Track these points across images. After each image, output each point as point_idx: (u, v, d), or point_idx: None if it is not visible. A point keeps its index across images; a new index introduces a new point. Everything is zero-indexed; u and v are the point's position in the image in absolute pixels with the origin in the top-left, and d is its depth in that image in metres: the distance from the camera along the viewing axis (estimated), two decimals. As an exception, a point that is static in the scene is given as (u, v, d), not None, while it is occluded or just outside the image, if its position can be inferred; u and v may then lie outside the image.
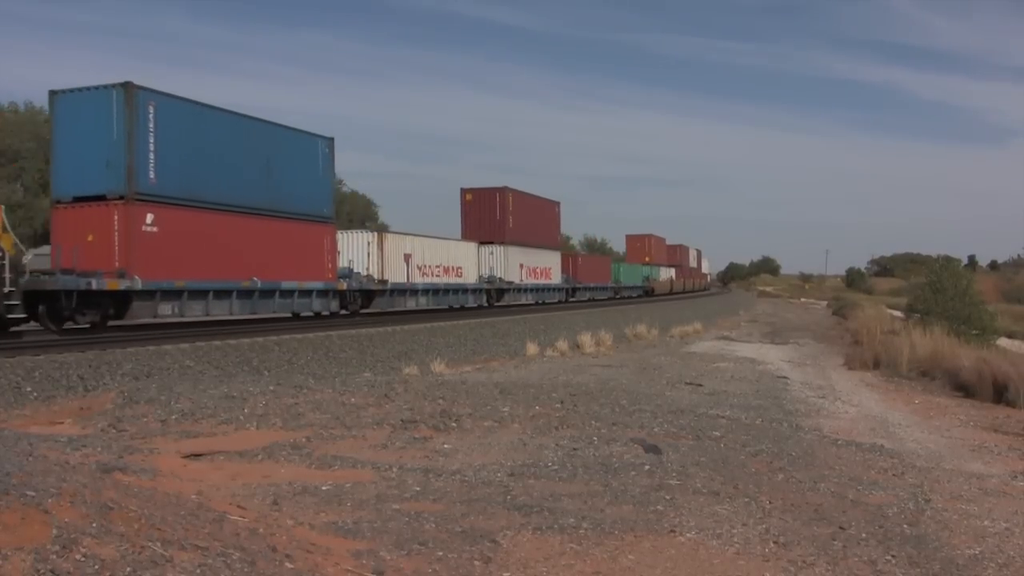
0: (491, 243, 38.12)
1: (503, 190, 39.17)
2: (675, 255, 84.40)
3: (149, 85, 19.11)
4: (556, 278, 46.21)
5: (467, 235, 38.05)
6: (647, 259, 72.11)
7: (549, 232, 45.92)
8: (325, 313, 25.46)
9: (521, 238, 40.32)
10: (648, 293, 67.14)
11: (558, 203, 47.71)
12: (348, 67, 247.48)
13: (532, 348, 20.82)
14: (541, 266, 43.40)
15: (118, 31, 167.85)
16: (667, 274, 76.94)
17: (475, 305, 35.97)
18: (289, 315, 24.23)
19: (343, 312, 26.61)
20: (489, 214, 38.87)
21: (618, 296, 59.56)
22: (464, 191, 39.34)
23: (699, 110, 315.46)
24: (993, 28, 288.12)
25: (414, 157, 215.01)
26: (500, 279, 38.18)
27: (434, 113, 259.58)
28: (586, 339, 22.66)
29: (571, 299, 49.05)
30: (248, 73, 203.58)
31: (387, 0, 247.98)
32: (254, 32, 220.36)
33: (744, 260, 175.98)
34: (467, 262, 35.39)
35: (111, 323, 18.90)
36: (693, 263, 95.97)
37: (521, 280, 40.37)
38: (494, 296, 38.04)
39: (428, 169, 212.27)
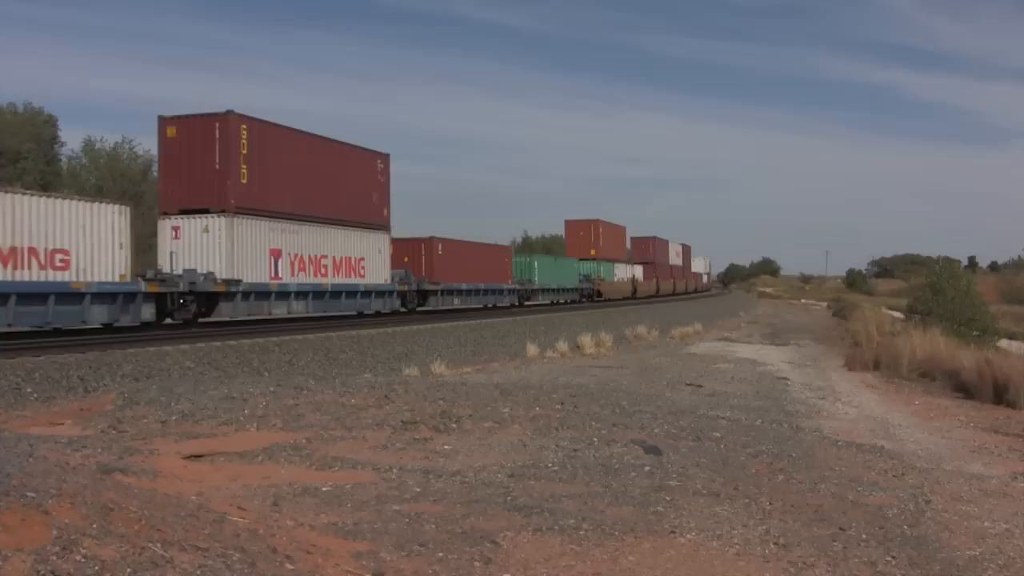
0: (205, 212, 21.97)
1: (226, 117, 22.14)
2: (645, 250, 69.78)
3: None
4: (378, 275, 28.73)
5: (165, 197, 22.62)
6: (592, 252, 56.27)
7: (359, 200, 27.80)
8: None
9: (277, 204, 23.72)
10: (591, 297, 53.03)
11: (382, 155, 29.60)
12: (349, 68, 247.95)
13: (532, 349, 20.83)
14: (341, 255, 26.65)
15: (118, 32, 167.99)
16: (626, 272, 62.17)
17: (98, 324, 18.88)
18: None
19: None
20: (203, 161, 22.05)
21: (527, 302, 43.87)
22: (164, 122, 22.68)
23: (699, 111, 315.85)
24: (994, 29, 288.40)
25: (415, 158, 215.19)
26: (210, 277, 21.33)
27: (435, 114, 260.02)
28: (586, 340, 22.68)
29: (422, 306, 32.86)
30: (250, 74, 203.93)
31: (388, 2, 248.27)
32: (256, 34, 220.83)
33: (744, 261, 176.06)
34: (88, 245, 18.43)
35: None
36: (676, 260, 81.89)
37: (279, 277, 23.75)
38: (179, 305, 20.92)
39: (429, 170, 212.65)
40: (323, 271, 25.84)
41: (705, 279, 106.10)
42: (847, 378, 18.79)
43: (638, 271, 65.34)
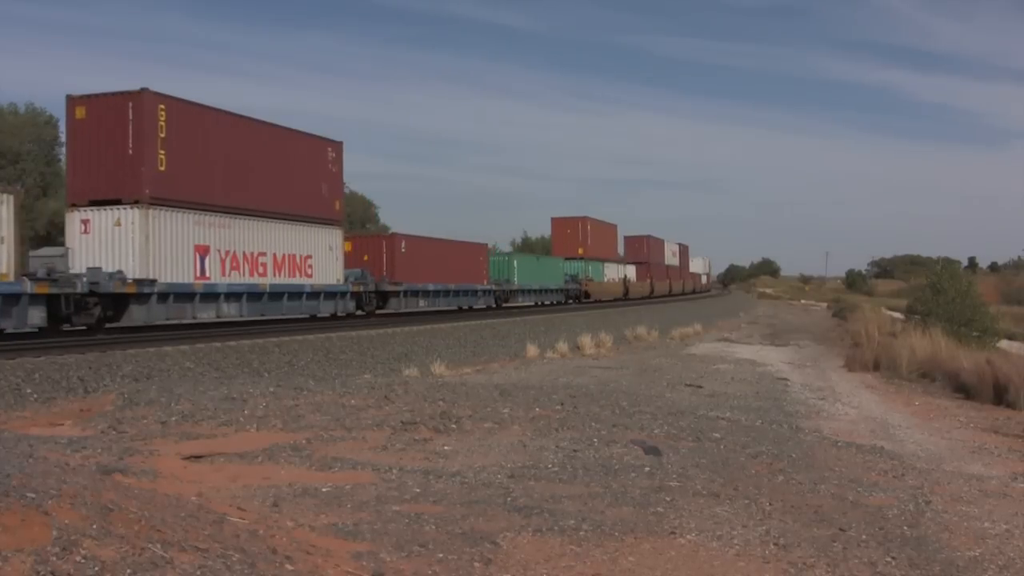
0: (117, 203, 19.36)
1: (140, 95, 19.44)
2: (639, 249, 67.33)
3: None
4: (329, 275, 26.02)
5: (74, 187, 20.02)
6: (580, 251, 53.43)
7: (306, 191, 25.04)
8: None
9: (204, 194, 21.08)
10: (578, 298, 50.61)
11: (334, 143, 26.73)
12: (348, 69, 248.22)
13: (532, 350, 20.84)
14: (283, 252, 23.90)
15: (119, 33, 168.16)
16: (617, 272, 59.77)
17: None
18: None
19: None
20: (115, 145, 19.48)
21: (506, 304, 41.17)
22: (72, 101, 20.06)
23: (699, 112, 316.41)
24: (994, 30, 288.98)
25: (414, 158, 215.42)
26: (117, 276, 18.62)
27: (434, 115, 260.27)
28: (586, 341, 22.69)
29: (381, 309, 29.91)
30: (249, 75, 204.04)
31: (387, 2, 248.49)
32: (255, 34, 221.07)
33: (744, 262, 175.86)
34: None
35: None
36: (672, 260, 78.96)
37: (206, 277, 20.99)
38: (80, 308, 18.13)
39: (428, 170, 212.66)
40: (261, 270, 23.05)
41: (704, 279, 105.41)
42: (847, 379, 18.79)
43: (630, 271, 62.90)
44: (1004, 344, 27.41)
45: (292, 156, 24.67)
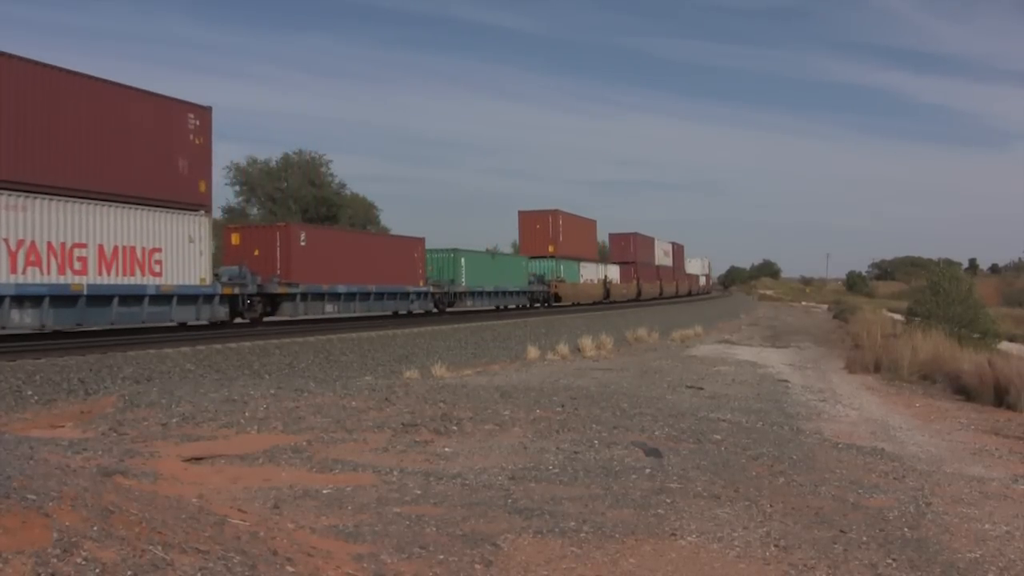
0: None
1: None
2: (625, 248, 62.79)
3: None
4: (188, 273, 20.34)
5: None
6: (551, 249, 47.51)
7: (154, 167, 19.63)
8: None
9: None
10: (546, 301, 45.44)
11: (197, 108, 21.08)
12: (349, 71, 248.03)
13: (533, 352, 20.85)
14: (116, 244, 18.48)
15: (119, 34, 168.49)
16: (597, 273, 54.48)
17: None
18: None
19: None
20: None
21: (451, 309, 35.06)
22: None
23: (699, 114, 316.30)
24: (995, 31, 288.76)
25: (415, 160, 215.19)
26: None
27: (434, 116, 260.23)
28: (587, 343, 22.69)
29: (270, 316, 24.95)
30: (249, 77, 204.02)
31: (387, 4, 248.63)
32: (254, 36, 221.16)
33: (745, 263, 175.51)
34: None
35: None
36: (664, 260, 73.62)
37: None
38: None
39: (429, 172, 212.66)
40: (79, 266, 17.55)
41: (703, 281, 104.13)
42: (848, 380, 18.78)
43: (613, 271, 57.57)
44: (1005, 346, 27.42)
45: (132, 122, 19.09)
